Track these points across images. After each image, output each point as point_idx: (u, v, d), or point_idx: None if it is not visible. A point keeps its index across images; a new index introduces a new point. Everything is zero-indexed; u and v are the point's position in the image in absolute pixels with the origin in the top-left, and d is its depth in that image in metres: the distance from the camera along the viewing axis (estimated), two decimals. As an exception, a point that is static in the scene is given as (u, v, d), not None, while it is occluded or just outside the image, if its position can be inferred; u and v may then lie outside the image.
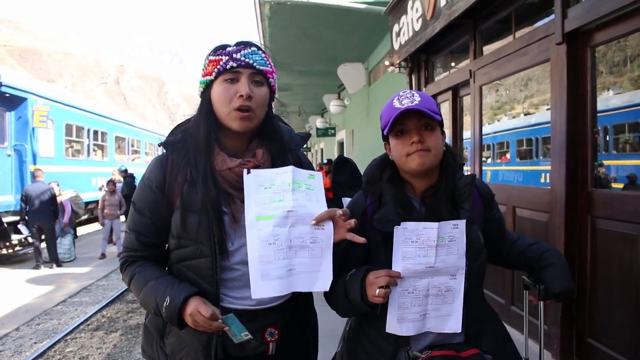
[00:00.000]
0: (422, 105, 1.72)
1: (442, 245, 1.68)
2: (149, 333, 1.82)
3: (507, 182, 5.52)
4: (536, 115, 5.28)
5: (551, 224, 4.00)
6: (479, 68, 5.35)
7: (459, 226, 1.70)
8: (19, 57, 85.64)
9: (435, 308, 1.71)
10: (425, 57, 7.03)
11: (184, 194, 1.67)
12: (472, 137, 5.65)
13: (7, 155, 11.72)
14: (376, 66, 12.17)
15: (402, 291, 1.68)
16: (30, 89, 12.48)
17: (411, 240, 1.68)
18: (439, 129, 1.78)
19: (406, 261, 1.68)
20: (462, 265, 1.71)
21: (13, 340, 6.16)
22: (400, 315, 1.69)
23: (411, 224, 1.69)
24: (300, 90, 18.10)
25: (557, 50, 3.89)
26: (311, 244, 1.63)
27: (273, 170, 1.65)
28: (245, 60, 1.66)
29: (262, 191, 1.62)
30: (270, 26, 9.91)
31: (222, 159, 1.70)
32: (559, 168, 3.85)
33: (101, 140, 17.78)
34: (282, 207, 1.60)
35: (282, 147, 1.82)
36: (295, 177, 1.64)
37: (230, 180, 1.69)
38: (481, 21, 5.42)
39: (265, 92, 1.72)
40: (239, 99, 1.64)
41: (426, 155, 1.72)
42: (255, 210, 1.60)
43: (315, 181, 1.70)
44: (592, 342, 3.64)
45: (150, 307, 1.65)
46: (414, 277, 1.69)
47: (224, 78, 1.67)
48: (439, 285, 1.70)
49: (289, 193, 1.62)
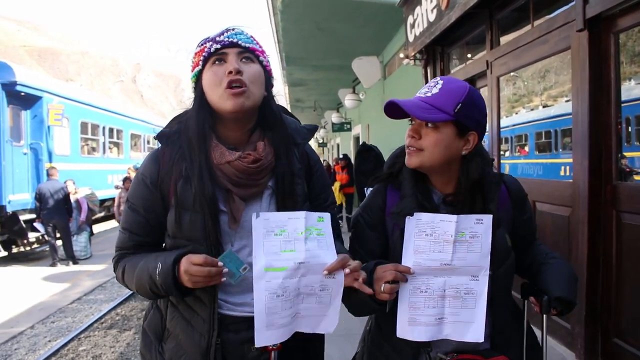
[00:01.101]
0: (430, 100, 1.57)
1: (462, 242, 1.53)
2: (148, 337, 1.71)
3: (527, 176, 5.36)
4: (555, 107, 5.12)
5: (573, 219, 3.84)
6: (496, 58, 5.19)
7: (483, 221, 1.54)
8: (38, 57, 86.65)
9: (453, 312, 1.55)
10: (440, 49, 6.88)
11: (179, 191, 1.56)
12: (490, 130, 5.50)
13: (23, 154, 11.77)
14: (391, 59, 12.00)
15: (413, 289, 1.54)
16: (45, 88, 12.50)
17: (425, 233, 1.54)
18: (446, 129, 1.57)
19: (418, 256, 1.53)
20: (486, 265, 1.54)
21: (28, 339, 6.16)
22: (412, 317, 1.54)
23: (426, 215, 1.56)
24: (315, 85, 17.96)
25: (578, 38, 3.73)
26: (320, 291, 1.51)
27: (284, 215, 1.50)
28: (230, 40, 1.57)
29: (272, 238, 1.47)
30: (282, 20, 9.80)
31: (221, 152, 1.58)
32: (581, 160, 3.69)
33: (117, 137, 17.84)
34: (293, 258, 1.46)
35: (286, 139, 1.68)
36: (307, 223, 1.50)
37: (229, 174, 1.56)
38: (497, 10, 5.27)
39: (257, 69, 1.60)
40: (228, 75, 1.52)
41: (415, 155, 1.60)
42: (265, 261, 1.46)
43: (324, 224, 1.54)
44: (618, 342, 3.49)
45: (147, 285, 1.53)
46: (427, 274, 1.54)
47: (211, 63, 1.57)
48: (457, 285, 1.54)
49: (302, 242, 1.47)
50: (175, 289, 1.47)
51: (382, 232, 1.71)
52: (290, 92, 19.75)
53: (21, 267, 10.81)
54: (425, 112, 1.55)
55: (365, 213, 1.78)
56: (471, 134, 1.61)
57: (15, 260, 11.45)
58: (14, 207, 11.16)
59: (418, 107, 1.57)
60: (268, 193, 1.64)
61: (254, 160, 1.57)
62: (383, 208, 1.72)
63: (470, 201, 1.61)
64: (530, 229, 1.83)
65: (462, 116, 1.56)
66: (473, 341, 1.55)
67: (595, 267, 3.63)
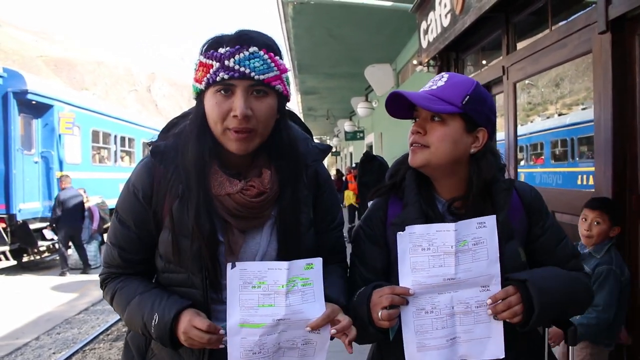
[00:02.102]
0: (435, 92, 1.44)
1: (465, 251, 1.36)
2: (130, 352, 1.56)
3: (545, 185, 5.18)
4: (571, 115, 4.97)
5: (596, 231, 3.64)
6: (513, 64, 5.02)
7: (486, 224, 1.37)
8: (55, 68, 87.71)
9: (466, 330, 1.38)
10: (455, 55, 6.72)
11: (174, 213, 1.40)
12: (506, 137, 5.32)
13: (34, 162, 11.76)
14: (404, 66, 11.88)
15: (417, 311, 1.37)
16: (56, 96, 12.50)
17: (421, 248, 1.37)
18: (454, 122, 1.44)
19: (417, 274, 1.37)
20: (496, 272, 1.36)
21: (32, 350, 6.09)
22: (421, 342, 1.37)
23: (419, 227, 1.39)
24: (327, 94, 17.92)
25: (600, 40, 3.55)
26: (303, 345, 1.36)
27: (264, 265, 1.34)
28: (240, 70, 1.31)
29: (249, 290, 1.32)
30: (294, 27, 9.72)
31: (220, 182, 1.41)
32: (604, 169, 3.50)
33: (128, 146, 17.83)
34: (272, 314, 1.31)
35: (297, 166, 1.49)
36: (290, 274, 1.33)
37: (228, 207, 1.40)
38: (514, 14, 5.11)
39: (269, 104, 1.38)
40: (234, 119, 1.32)
41: (419, 152, 1.45)
42: (240, 316, 1.31)
43: (313, 271, 1.36)
44: (645, 362, 3.28)
45: (137, 328, 1.40)
46: (430, 292, 1.37)
47: (215, 89, 1.35)
48: (466, 300, 1.37)
49: (282, 296, 1.32)
50: (170, 344, 1.33)
51: (383, 245, 1.56)
52: (302, 101, 19.72)
53: (30, 276, 10.79)
54: (432, 103, 1.41)
55: (366, 225, 1.62)
56: (480, 130, 1.47)
57: (25, 269, 11.44)
58: (25, 216, 11.13)
59: (423, 98, 1.43)
60: (270, 223, 1.48)
61: (257, 194, 1.41)
62: (384, 220, 1.58)
63: (478, 209, 1.44)
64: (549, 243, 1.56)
65: (470, 109, 1.43)
66: (493, 358, 1.38)
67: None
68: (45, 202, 12.02)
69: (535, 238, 1.54)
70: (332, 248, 1.63)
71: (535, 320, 1.35)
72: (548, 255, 1.54)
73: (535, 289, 1.35)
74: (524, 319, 1.35)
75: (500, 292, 1.36)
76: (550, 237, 1.56)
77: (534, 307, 1.34)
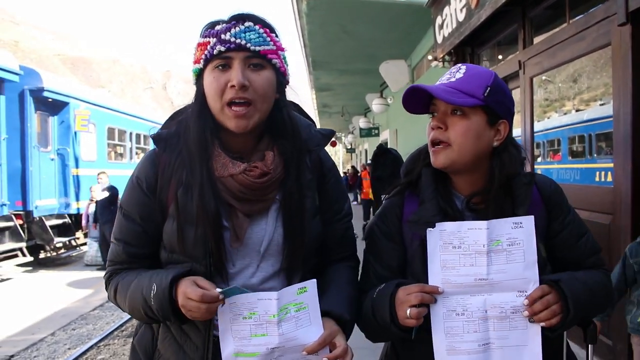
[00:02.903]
0: (455, 85, 1.38)
1: (498, 251, 1.30)
2: (137, 355, 1.53)
3: (563, 181, 5.10)
4: (588, 111, 4.89)
5: (615, 227, 3.59)
6: (529, 58, 4.97)
7: (523, 225, 1.31)
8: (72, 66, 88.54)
9: (501, 336, 1.31)
10: (470, 50, 6.67)
11: (179, 201, 1.38)
12: (523, 133, 5.26)
13: (51, 159, 11.87)
14: (419, 62, 11.80)
15: (448, 312, 1.32)
16: (72, 94, 12.59)
17: (452, 246, 1.32)
18: (476, 116, 1.38)
19: (447, 272, 1.31)
20: (534, 276, 1.30)
21: (48, 346, 6.11)
22: (451, 345, 1.31)
23: (450, 225, 1.33)
24: (342, 90, 17.89)
25: (619, 33, 3.48)
26: None
27: (253, 296, 1.30)
28: (236, 42, 1.33)
29: (240, 321, 1.30)
30: (308, 23, 9.69)
31: (223, 163, 1.39)
32: (624, 164, 3.44)
33: (144, 143, 17.94)
34: (265, 343, 1.29)
35: (299, 148, 1.47)
36: (281, 303, 1.29)
37: (232, 189, 1.37)
38: (531, 8, 5.06)
39: (267, 77, 1.37)
40: (231, 89, 1.32)
41: (444, 153, 1.38)
42: (234, 346, 1.30)
43: (307, 295, 1.32)
44: (665, 362, 3.21)
45: (141, 310, 1.35)
46: (462, 293, 1.32)
47: (213, 65, 1.35)
48: (501, 304, 1.30)
49: (274, 326, 1.29)
50: (173, 315, 1.29)
51: (399, 242, 1.50)
52: (317, 97, 19.70)
53: (47, 272, 10.87)
54: (453, 96, 1.35)
55: (381, 222, 1.56)
56: (502, 122, 1.41)
57: (41, 265, 11.52)
58: (41, 213, 11.24)
59: (444, 90, 1.36)
60: (275, 207, 1.45)
61: (260, 175, 1.38)
62: (400, 216, 1.51)
63: (499, 204, 1.39)
64: (571, 238, 1.50)
65: (492, 101, 1.37)
66: None
67: None
68: (62, 199, 12.15)
69: (555, 234, 1.47)
70: (340, 240, 1.59)
71: (569, 322, 1.30)
72: (568, 250, 1.48)
73: (568, 289, 1.30)
74: (561, 320, 1.29)
75: (536, 290, 1.29)
76: (571, 232, 1.49)
77: (569, 307, 1.29)
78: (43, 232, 11.21)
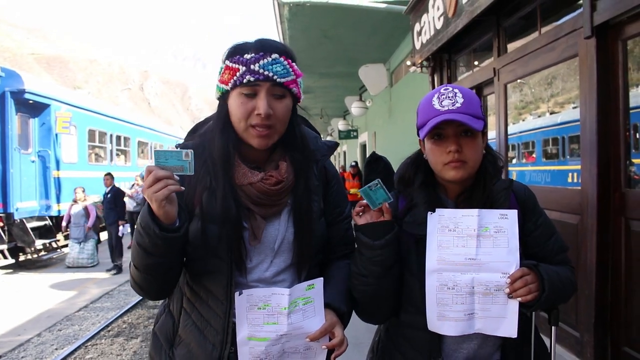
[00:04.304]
0: (463, 110, 1.57)
1: (486, 236, 1.55)
2: (158, 341, 1.70)
3: (534, 183, 5.34)
4: (562, 114, 5.10)
5: (582, 227, 3.82)
6: (504, 66, 5.19)
7: (508, 216, 1.56)
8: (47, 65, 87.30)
9: (483, 308, 1.55)
10: (447, 56, 6.89)
11: (204, 204, 1.56)
12: (497, 137, 5.50)
13: (31, 162, 11.84)
14: (398, 67, 12.02)
15: (440, 286, 1.56)
16: (53, 96, 12.58)
17: (448, 229, 1.57)
18: (480, 134, 1.62)
19: (442, 251, 1.56)
20: (515, 261, 1.53)
21: (35, 346, 6.17)
22: (441, 313, 1.56)
23: (448, 211, 1.59)
24: (322, 93, 18.00)
25: (585, 45, 3.72)
26: (304, 350, 1.56)
27: (268, 291, 1.52)
28: (264, 74, 1.49)
29: (255, 311, 1.51)
30: (289, 28, 9.83)
31: (243, 173, 1.58)
32: (590, 167, 3.67)
33: (124, 145, 17.91)
34: (275, 330, 1.50)
35: (307, 158, 1.69)
36: (292, 298, 1.51)
37: (251, 195, 1.57)
38: (505, 17, 5.27)
39: (287, 105, 1.57)
40: (257, 117, 1.50)
41: (462, 168, 1.59)
42: (248, 331, 1.51)
43: (315, 291, 1.55)
44: (628, 351, 3.46)
45: (135, 242, 1.46)
46: (453, 270, 1.55)
47: (240, 91, 1.52)
48: (486, 282, 1.54)
49: (284, 316, 1.50)
50: (152, 220, 1.38)
51: None
52: (297, 100, 19.72)
53: (28, 274, 10.86)
54: (475, 123, 1.57)
55: None
56: (485, 132, 1.66)
57: (22, 267, 11.50)
58: (22, 215, 11.21)
59: (470, 119, 1.57)
60: (287, 210, 1.65)
61: (276, 182, 1.58)
62: (396, 218, 1.70)
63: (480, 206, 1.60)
64: (541, 240, 1.71)
65: (484, 119, 1.61)
66: (506, 336, 1.56)
67: (604, 275, 3.60)
68: (42, 201, 12.12)
69: (529, 233, 1.69)
70: (342, 239, 1.80)
71: (543, 301, 1.52)
72: (540, 248, 1.70)
73: (545, 272, 1.54)
74: (536, 298, 1.52)
75: (517, 271, 1.53)
76: (542, 232, 1.72)
77: (544, 287, 1.52)
78: (24, 234, 11.19)
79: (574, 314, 3.88)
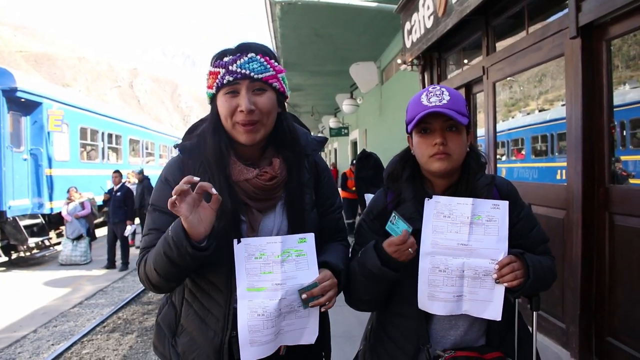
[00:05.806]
0: (449, 106, 1.69)
1: (479, 224, 1.66)
2: (161, 331, 1.81)
3: (523, 179, 5.45)
4: (551, 112, 5.20)
5: (568, 221, 3.94)
6: (492, 64, 5.30)
7: (500, 207, 1.67)
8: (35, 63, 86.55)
9: (471, 291, 1.67)
10: (437, 55, 6.97)
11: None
12: (486, 134, 5.60)
13: (23, 160, 11.83)
14: (388, 65, 12.12)
15: (432, 268, 1.67)
16: (45, 94, 12.57)
17: (443, 215, 1.68)
18: (465, 130, 1.74)
19: (436, 235, 1.67)
20: (504, 249, 1.65)
21: (31, 342, 6.23)
22: (431, 293, 1.67)
23: (444, 198, 1.70)
24: (313, 91, 18.09)
25: (571, 45, 3.84)
26: (299, 307, 1.63)
27: (263, 239, 1.62)
28: (242, 72, 1.61)
29: (252, 261, 1.60)
30: (281, 27, 9.90)
31: (239, 170, 1.68)
32: (575, 164, 3.79)
33: (115, 143, 17.90)
34: (271, 279, 1.60)
35: (298, 153, 1.79)
36: (284, 247, 1.61)
37: (247, 191, 1.68)
38: (493, 17, 5.37)
39: (269, 98, 1.66)
40: (241, 113, 1.61)
41: (446, 160, 1.70)
42: (247, 282, 1.60)
43: (306, 245, 1.65)
44: (612, 341, 3.58)
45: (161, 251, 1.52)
46: (446, 254, 1.66)
47: (224, 92, 1.64)
48: (475, 267, 1.66)
49: (278, 265, 1.60)
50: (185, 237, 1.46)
51: (383, 235, 1.76)
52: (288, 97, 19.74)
53: (21, 272, 10.87)
54: (462, 119, 1.69)
55: (368, 218, 1.90)
56: (470, 131, 1.78)
57: (14, 265, 11.50)
58: (14, 213, 11.21)
59: (456, 113, 1.69)
60: (281, 203, 1.75)
61: (270, 178, 1.68)
62: (385, 212, 1.81)
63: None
64: (523, 231, 1.82)
65: (468, 117, 1.73)
66: (491, 319, 1.67)
67: (589, 268, 3.72)
68: (35, 199, 12.11)
69: (512, 225, 1.78)
70: (334, 228, 1.92)
71: (528, 287, 1.64)
72: (523, 239, 1.81)
73: (530, 260, 1.66)
74: (522, 284, 1.63)
75: (505, 258, 1.65)
76: (525, 224, 1.84)
77: (529, 274, 1.63)
78: (17, 232, 11.20)
79: (560, 306, 4.00)
